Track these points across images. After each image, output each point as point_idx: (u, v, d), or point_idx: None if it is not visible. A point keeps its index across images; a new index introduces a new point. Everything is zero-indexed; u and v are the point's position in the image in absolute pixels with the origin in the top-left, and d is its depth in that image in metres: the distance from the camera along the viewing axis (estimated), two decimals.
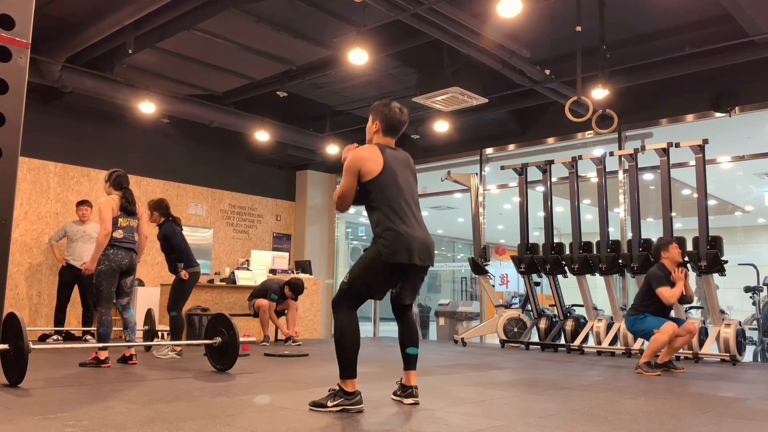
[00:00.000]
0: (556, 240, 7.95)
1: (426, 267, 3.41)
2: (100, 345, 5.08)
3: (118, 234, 5.28)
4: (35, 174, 8.62)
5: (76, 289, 8.04)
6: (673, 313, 5.85)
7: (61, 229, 8.17)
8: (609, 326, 7.44)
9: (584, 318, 7.86)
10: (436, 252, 3.54)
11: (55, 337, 7.73)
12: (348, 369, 3.21)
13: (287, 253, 10.90)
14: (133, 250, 5.38)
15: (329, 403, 3.18)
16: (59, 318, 7.88)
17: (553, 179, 8.46)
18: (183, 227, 6.31)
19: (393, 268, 3.28)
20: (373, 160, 3.32)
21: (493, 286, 9.73)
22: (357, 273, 3.30)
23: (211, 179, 10.67)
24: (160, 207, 6.14)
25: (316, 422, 2.93)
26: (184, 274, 5.97)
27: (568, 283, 7.89)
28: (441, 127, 9.41)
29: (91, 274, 5.34)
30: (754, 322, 8.13)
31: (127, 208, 5.38)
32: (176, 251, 6.06)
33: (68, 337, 7.96)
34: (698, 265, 6.59)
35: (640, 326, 5.58)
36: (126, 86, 8.15)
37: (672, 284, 5.46)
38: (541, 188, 8.64)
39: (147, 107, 8.42)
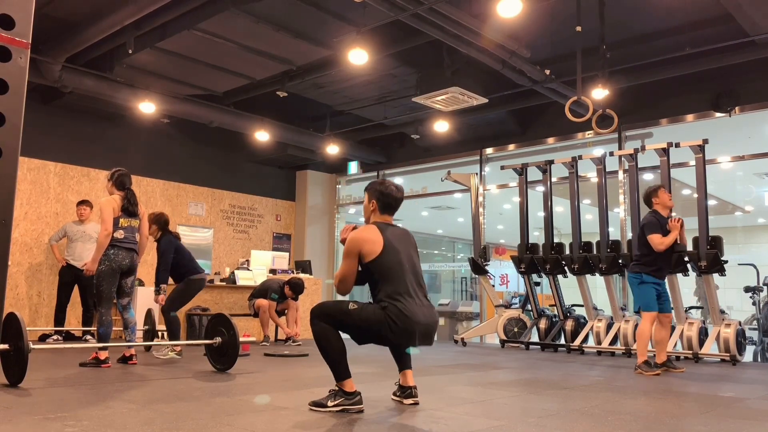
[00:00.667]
0: (556, 240, 7.95)
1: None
2: (100, 345, 5.08)
3: (119, 234, 5.27)
4: (35, 174, 8.62)
5: (76, 289, 8.04)
6: (665, 282, 5.81)
7: (61, 229, 8.17)
8: (609, 326, 7.43)
9: (584, 318, 7.85)
10: (436, 252, 3.54)
11: (55, 337, 7.73)
12: (340, 371, 3.22)
13: (287, 253, 10.90)
14: (134, 250, 5.37)
15: (329, 403, 3.18)
16: (59, 318, 7.88)
17: (553, 179, 8.45)
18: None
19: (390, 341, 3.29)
20: (372, 241, 3.29)
21: (493, 286, 9.73)
22: (363, 318, 3.23)
23: (211, 179, 10.67)
24: (158, 221, 6.13)
25: (316, 422, 2.93)
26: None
27: (568, 283, 7.88)
28: (441, 127, 9.41)
29: (91, 275, 5.34)
30: (754, 322, 8.12)
31: (129, 209, 5.37)
32: (163, 267, 6.05)
33: (68, 337, 7.96)
34: (698, 265, 6.59)
35: (635, 290, 5.59)
36: (126, 86, 8.15)
37: (665, 232, 5.44)
38: (541, 188, 8.64)
39: (147, 107, 8.42)
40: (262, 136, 9.65)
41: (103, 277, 5.18)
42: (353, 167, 11.71)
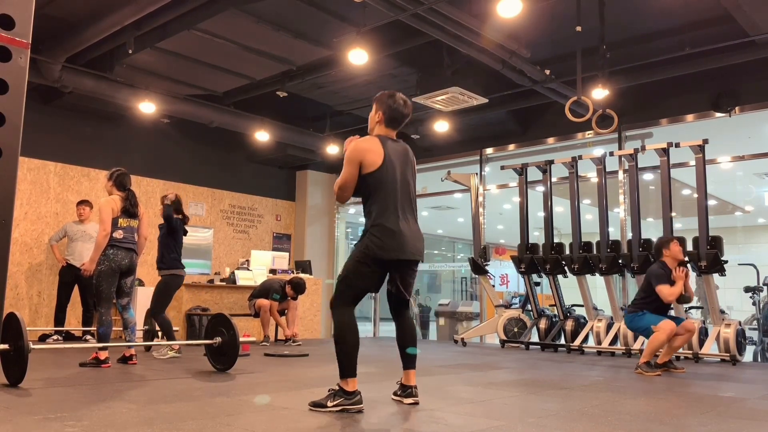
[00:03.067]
0: (556, 240, 7.95)
1: (416, 261, 3.43)
2: (100, 345, 5.08)
3: (118, 234, 5.28)
4: (35, 174, 8.62)
5: (76, 289, 8.04)
6: (672, 312, 5.85)
7: (61, 229, 8.18)
8: (609, 326, 7.44)
9: (584, 318, 7.86)
10: (436, 252, 3.56)
11: (55, 337, 7.73)
12: (348, 368, 3.21)
13: (287, 253, 10.90)
14: (133, 250, 5.38)
15: (329, 403, 3.18)
16: (59, 318, 7.88)
17: (553, 179, 8.45)
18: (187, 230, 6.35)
19: (383, 263, 3.32)
20: (374, 152, 3.33)
21: (493, 286, 9.72)
22: (351, 267, 3.33)
23: (211, 179, 10.67)
24: (172, 202, 6.21)
25: (316, 422, 2.93)
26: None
27: (568, 283, 7.88)
28: (441, 127, 9.41)
29: (90, 275, 5.34)
30: (754, 322, 8.12)
31: (129, 209, 5.39)
32: (160, 247, 6.11)
33: (68, 337, 7.96)
34: (698, 265, 6.58)
35: (639, 323, 5.56)
36: (126, 86, 8.15)
37: (672, 282, 5.44)
38: (541, 188, 8.64)
39: (147, 107, 8.42)
40: (262, 136, 9.65)
41: (102, 277, 5.19)
42: None
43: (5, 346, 3.99)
